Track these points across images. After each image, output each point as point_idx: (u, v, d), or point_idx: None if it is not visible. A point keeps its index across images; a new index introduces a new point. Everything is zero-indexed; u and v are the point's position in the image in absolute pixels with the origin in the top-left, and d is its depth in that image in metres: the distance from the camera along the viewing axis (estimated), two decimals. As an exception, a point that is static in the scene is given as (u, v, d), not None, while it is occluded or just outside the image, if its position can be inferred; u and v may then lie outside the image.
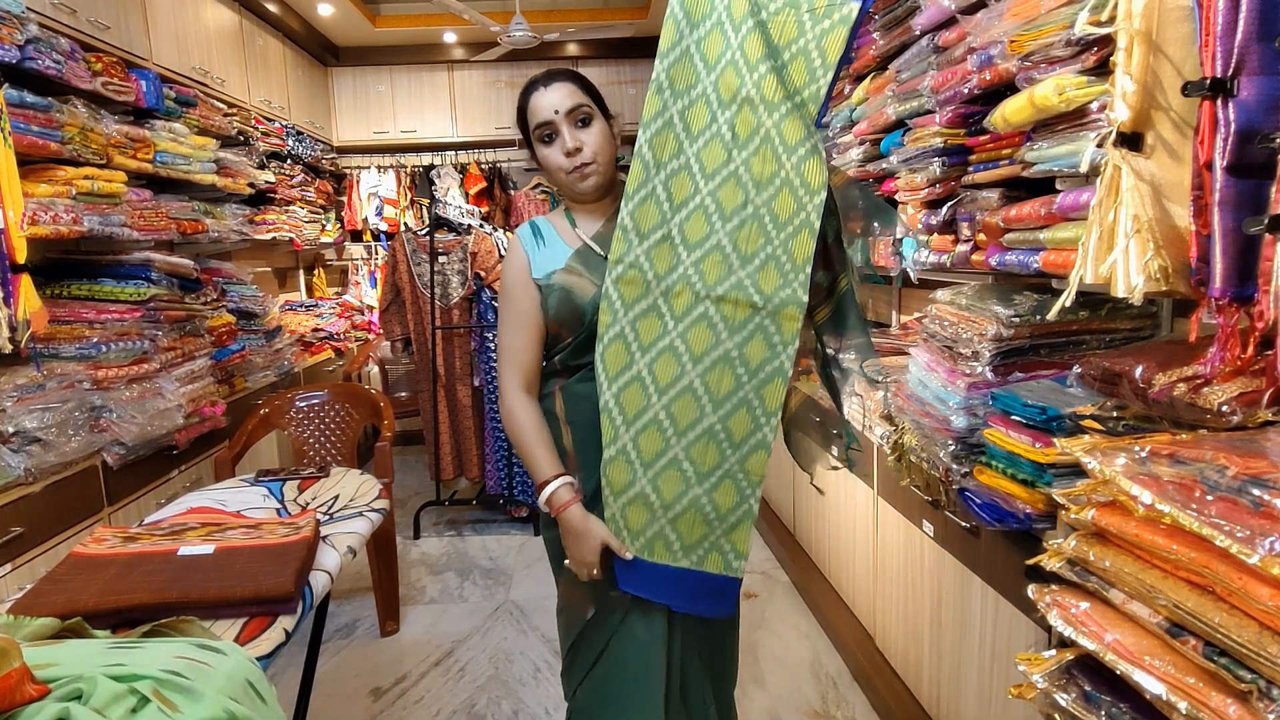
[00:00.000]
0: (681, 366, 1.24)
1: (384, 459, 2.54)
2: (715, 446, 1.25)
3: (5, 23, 1.97)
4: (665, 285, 1.24)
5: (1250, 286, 0.88)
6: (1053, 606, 0.96)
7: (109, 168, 2.38)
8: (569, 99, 1.27)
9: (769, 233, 1.23)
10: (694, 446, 1.25)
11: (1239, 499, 0.74)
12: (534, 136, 1.32)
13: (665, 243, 1.24)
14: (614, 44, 5.10)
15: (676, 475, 1.25)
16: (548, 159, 1.30)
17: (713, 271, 1.24)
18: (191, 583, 1.27)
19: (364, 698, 2.29)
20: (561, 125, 1.27)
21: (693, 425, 1.25)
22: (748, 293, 1.23)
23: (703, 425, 1.25)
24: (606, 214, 1.35)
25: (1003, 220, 1.43)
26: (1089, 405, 1.17)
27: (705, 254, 1.23)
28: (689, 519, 1.27)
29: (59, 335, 2.24)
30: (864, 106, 2.11)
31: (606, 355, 1.25)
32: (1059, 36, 1.19)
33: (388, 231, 5.32)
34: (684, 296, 1.24)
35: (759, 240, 1.23)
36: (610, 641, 1.33)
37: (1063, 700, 0.91)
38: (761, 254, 1.23)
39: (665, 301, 1.24)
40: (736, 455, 1.26)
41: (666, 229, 1.23)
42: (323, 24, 4.69)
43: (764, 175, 1.23)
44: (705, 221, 1.23)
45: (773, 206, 1.23)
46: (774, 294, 1.23)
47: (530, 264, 1.34)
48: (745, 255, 1.23)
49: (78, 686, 0.86)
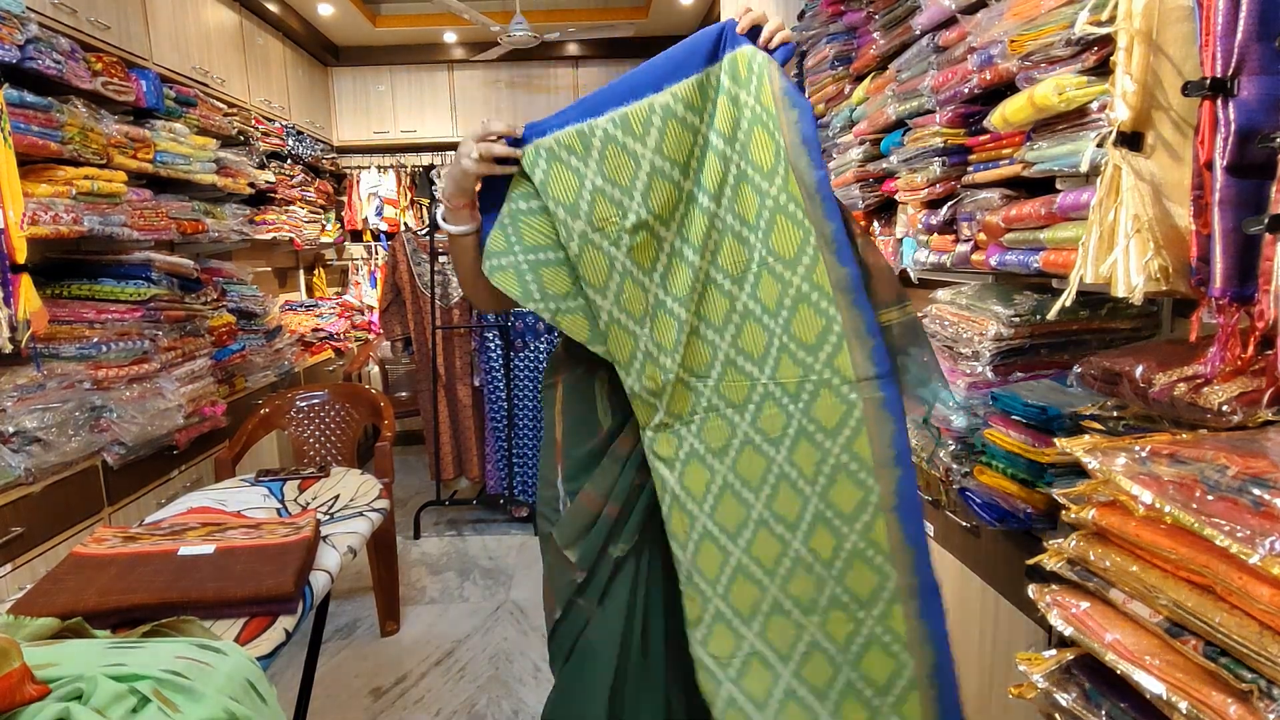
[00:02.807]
0: (744, 503, 1.16)
1: (384, 459, 2.54)
2: (810, 576, 1.15)
3: (5, 23, 1.97)
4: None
5: (1250, 286, 0.88)
6: (1053, 606, 0.96)
7: (109, 168, 2.38)
8: None
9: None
10: (789, 582, 1.15)
11: (1239, 499, 0.74)
12: None
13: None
14: (614, 44, 5.10)
15: (784, 621, 1.16)
16: None
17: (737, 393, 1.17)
18: (192, 583, 1.27)
19: (364, 698, 2.29)
20: None
21: (778, 560, 1.15)
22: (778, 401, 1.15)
23: (790, 555, 1.15)
24: None
25: (1003, 220, 1.43)
26: (1089, 405, 1.17)
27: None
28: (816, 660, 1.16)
29: (59, 335, 2.24)
30: (864, 106, 2.11)
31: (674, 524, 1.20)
32: (1059, 36, 1.19)
33: (388, 231, 5.32)
34: (720, 431, 1.17)
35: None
36: (576, 642, 1.33)
37: (1063, 700, 0.91)
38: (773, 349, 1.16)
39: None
40: (833, 575, 1.14)
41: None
42: (323, 24, 4.69)
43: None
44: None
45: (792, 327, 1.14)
46: (799, 390, 1.13)
47: None
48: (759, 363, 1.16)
49: (78, 686, 0.86)
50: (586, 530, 1.31)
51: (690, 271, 1.15)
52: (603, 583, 1.31)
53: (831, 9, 2.29)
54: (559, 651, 1.36)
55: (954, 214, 1.68)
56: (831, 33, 2.32)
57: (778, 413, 1.14)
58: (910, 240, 1.94)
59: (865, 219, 2.24)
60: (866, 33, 2.09)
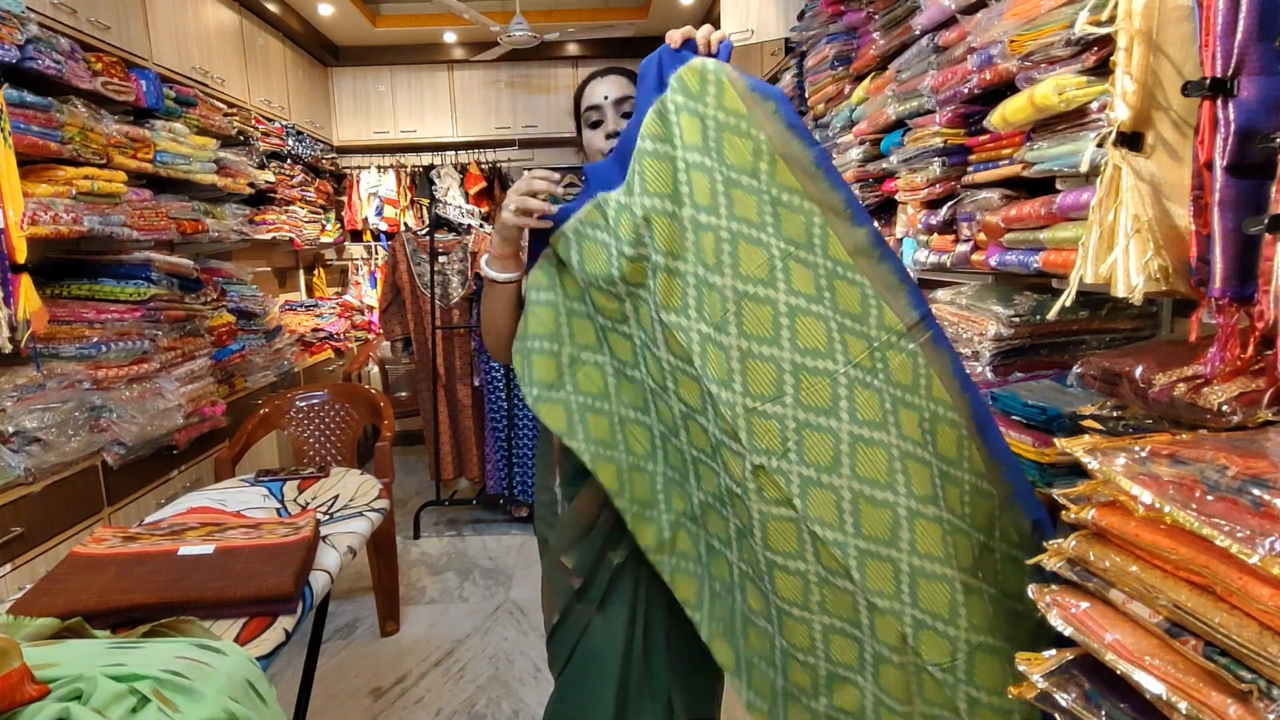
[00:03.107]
0: (886, 505, 1.06)
1: (384, 459, 2.54)
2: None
3: (5, 23, 1.97)
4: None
5: (1250, 286, 0.88)
6: (1053, 606, 0.96)
7: (109, 168, 2.38)
8: (620, 90, 1.34)
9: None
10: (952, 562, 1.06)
11: (1239, 499, 0.74)
12: (584, 119, 1.38)
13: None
14: (614, 44, 5.10)
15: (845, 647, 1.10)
16: (590, 141, 1.37)
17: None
18: (191, 583, 1.27)
19: (364, 698, 2.29)
20: (608, 112, 1.34)
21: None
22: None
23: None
24: None
25: (1003, 220, 1.43)
26: (1089, 405, 1.17)
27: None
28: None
29: (59, 335, 2.24)
30: (864, 106, 2.11)
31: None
32: (1059, 36, 1.19)
33: (388, 231, 5.32)
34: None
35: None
36: (576, 646, 1.33)
37: (1063, 700, 0.91)
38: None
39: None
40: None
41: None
42: (323, 24, 4.69)
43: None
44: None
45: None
46: (873, 363, 1.08)
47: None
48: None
49: (78, 686, 0.86)
50: (583, 536, 1.31)
51: (719, 296, 1.09)
52: (602, 588, 1.32)
53: (831, 9, 2.29)
54: (558, 655, 1.36)
55: (954, 214, 1.68)
56: (831, 33, 2.32)
57: (870, 395, 1.06)
58: (910, 240, 1.94)
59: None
60: (866, 33, 2.09)
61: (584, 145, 1.40)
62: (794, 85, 2.73)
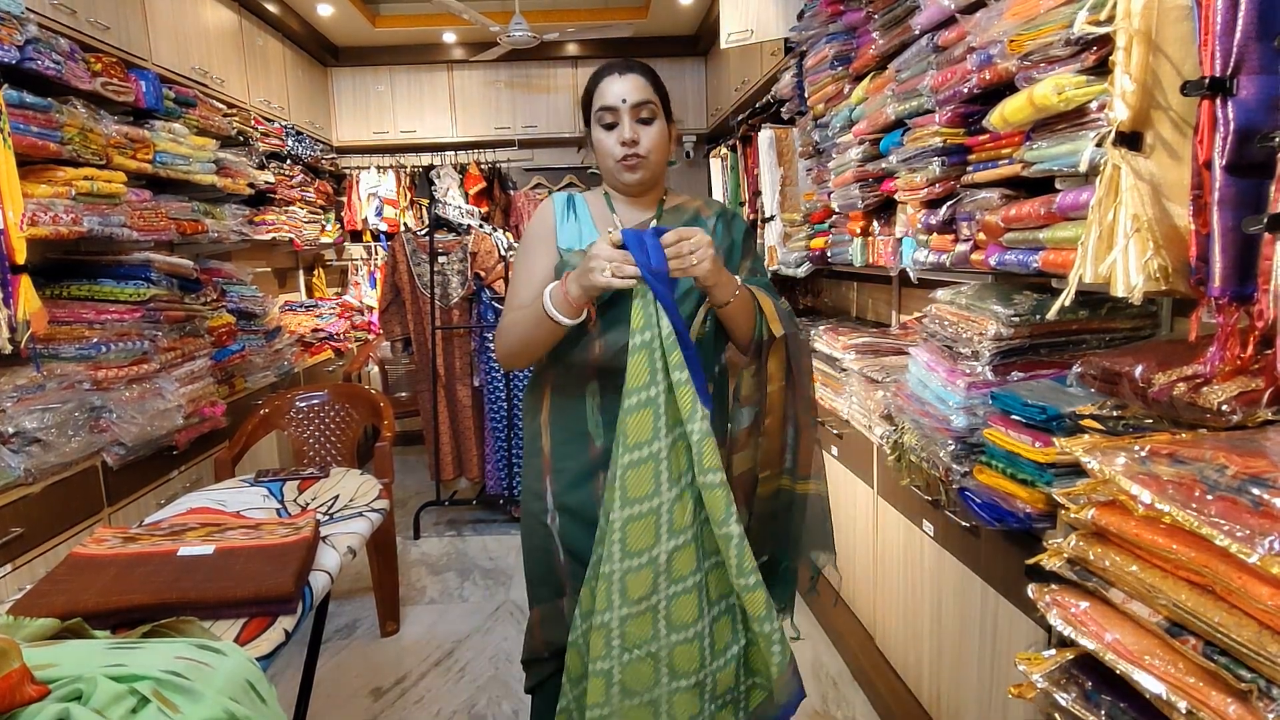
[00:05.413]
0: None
1: (384, 459, 2.54)
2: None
3: (5, 23, 1.97)
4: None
5: (1250, 285, 0.88)
6: (1053, 606, 0.96)
7: (109, 168, 2.38)
8: (638, 93, 1.28)
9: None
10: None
11: (1239, 498, 0.74)
12: (594, 118, 1.32)
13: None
14: (614, 44, 5.10)
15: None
16: (602, 143, 1.31)
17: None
18: (191, 583, 1.27)
19: (364, 698, 2.29)
20: (624, 115, 1.28)
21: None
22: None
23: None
24: (643, 207, 1.38)
25: (1002, 220, 1.43)
26: (1089, 405, 1.17)
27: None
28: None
29: (59, 336, 2.24)
30: (863, 106, 2.11)
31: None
32: (1058, 36, 1.19)
33: (387, 232, 5.31)
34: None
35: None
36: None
37: (1063, 700, 0.91)
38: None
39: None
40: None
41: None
42: (322, 24, 4.69)
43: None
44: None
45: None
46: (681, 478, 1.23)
47: (556, 229, 1.36)
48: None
49: (78, 687, 0.86)
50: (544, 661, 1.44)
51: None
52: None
53: (831, 9, 2.30)
54: (542, 710, 1.45)
55: (953, 214, 1.69)
56: (831, 33, 2.32)
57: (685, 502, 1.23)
58: (910, 240, 1.94)
59: (864, 219, 2.25)
60: (866, 32, 2.09)
61: (592, 143, 1.34)
62: (794, 85, 2.73)
